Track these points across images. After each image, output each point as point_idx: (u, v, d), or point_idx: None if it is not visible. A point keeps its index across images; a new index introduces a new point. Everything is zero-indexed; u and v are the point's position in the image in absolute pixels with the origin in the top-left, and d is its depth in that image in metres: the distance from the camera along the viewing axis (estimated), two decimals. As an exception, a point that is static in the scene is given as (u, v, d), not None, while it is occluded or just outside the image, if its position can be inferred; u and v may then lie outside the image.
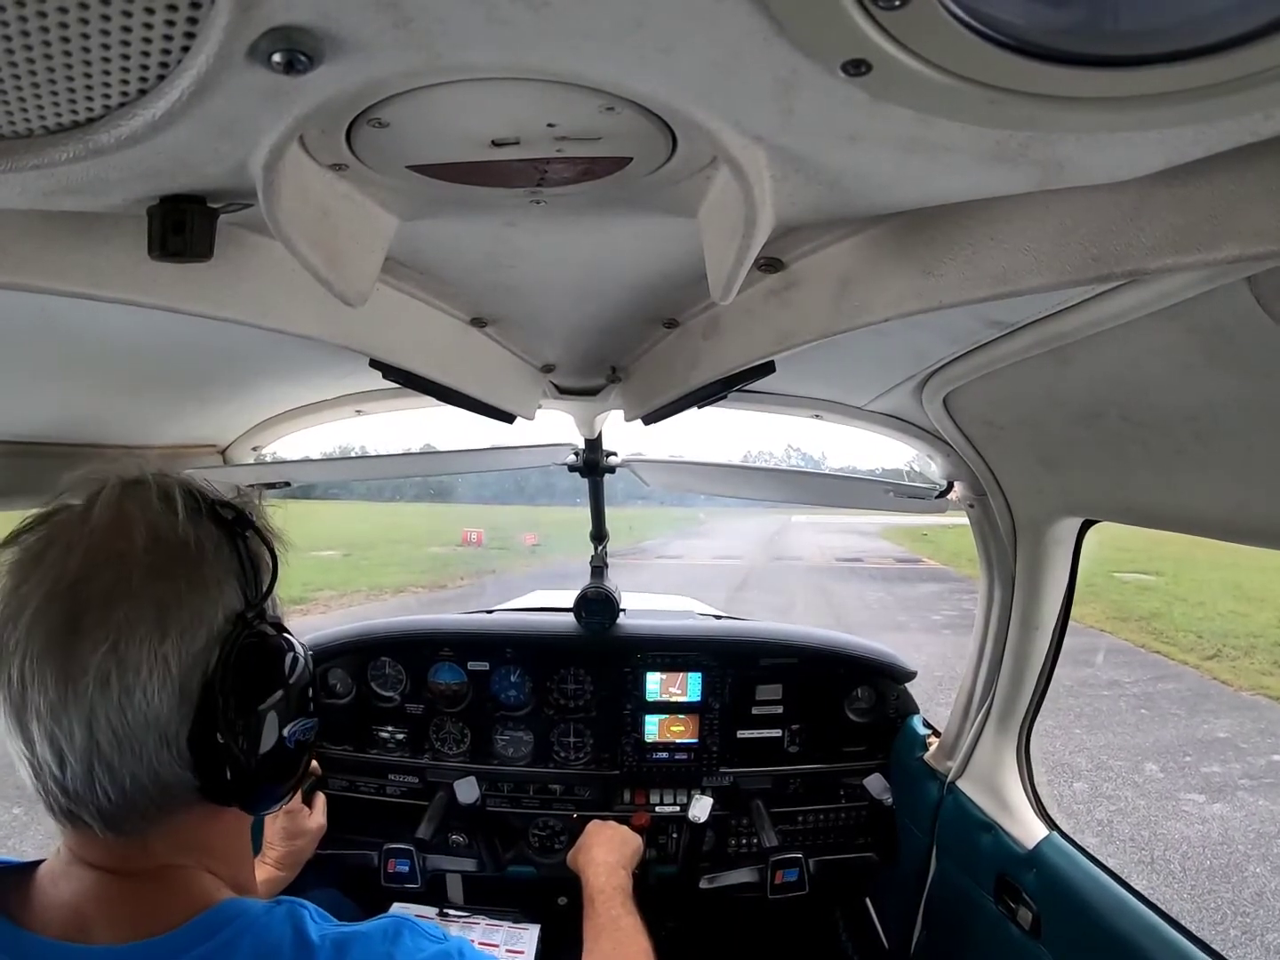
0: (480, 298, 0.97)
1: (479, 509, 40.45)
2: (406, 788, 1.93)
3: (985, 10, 0.35)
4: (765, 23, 0.37)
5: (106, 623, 0.54)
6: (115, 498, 0.60)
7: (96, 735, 0.54)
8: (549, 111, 0.50)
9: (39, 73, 0.40)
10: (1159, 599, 13.17)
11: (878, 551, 25.47)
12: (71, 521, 0.59)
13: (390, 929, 0.61)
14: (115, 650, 0.54)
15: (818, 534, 32.56)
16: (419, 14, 0.37)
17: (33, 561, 0.57)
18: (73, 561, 0.56)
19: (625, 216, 0.71)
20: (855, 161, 0.53)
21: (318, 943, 0.57)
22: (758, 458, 66.63)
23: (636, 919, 1.15)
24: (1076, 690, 7.58)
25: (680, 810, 1.83)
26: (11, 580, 0.56)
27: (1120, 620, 11.43)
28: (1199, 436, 0.83)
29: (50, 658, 0.53)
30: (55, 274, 0.64)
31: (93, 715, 0.53)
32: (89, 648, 0.53)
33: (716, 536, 30.64)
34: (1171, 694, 7.81)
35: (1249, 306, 0.62)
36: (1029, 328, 0.86)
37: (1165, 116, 0.43)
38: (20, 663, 0.54)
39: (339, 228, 0.64)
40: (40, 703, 0.53)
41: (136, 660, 0.55)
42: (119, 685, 0.54)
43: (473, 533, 25.98)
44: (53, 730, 0.53)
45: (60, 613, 0.54)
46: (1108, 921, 1.16)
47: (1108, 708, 7.27)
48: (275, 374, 1.29)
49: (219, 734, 0.58)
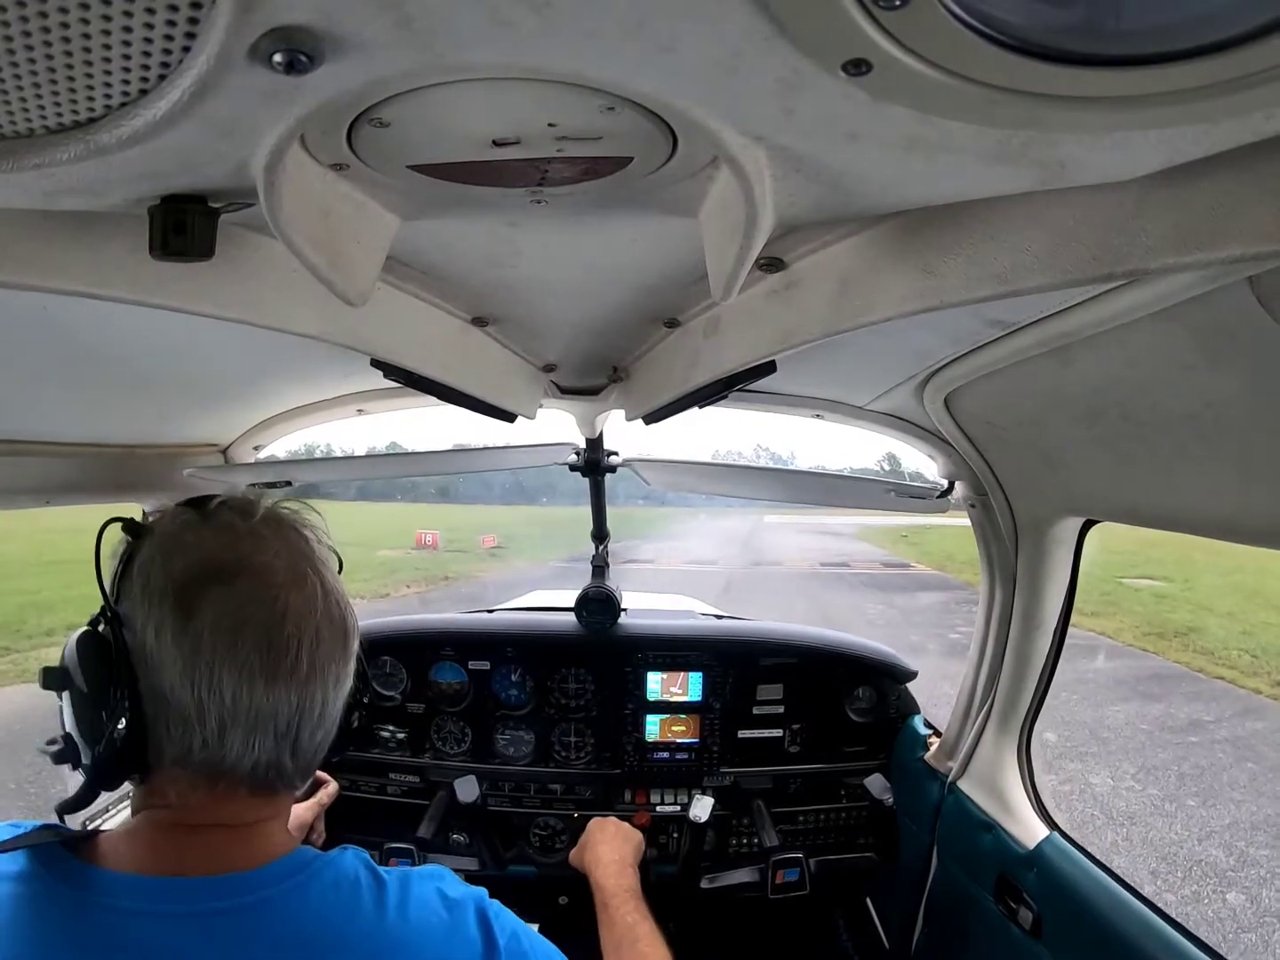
0: (481, 297, 0.97)
1: (462, 509, 39.23)
2: (407, 787, 1.93)
3: (986, 10, 0.35)
4: (766, 23, 0.37)
5: (343, 655, 0.70)
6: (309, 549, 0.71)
7: (328, 721, 0.69)
8: (550, 111, 0.50)
9: (40, 72, 0.40)
10: (1186, 610, 12.38)
11: (861, 555, 24.28)
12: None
13: (435, 872, 0.74)
14: (341, 667, 0.70)
15: (793, 535, 31.10)
16: (420, 14, 0.37)
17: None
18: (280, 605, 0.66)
19: (626, 216, 0.72)
20: (856, 161, 0.53)
21: (386, 877, 0.68)
22: (725, 457, 66.05)
23: (652, 923, 1.15)
24: (1159, 737, 6.60)
25: (681, 810, 1.83)
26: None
27: (1157, 637, 10.54)
28: (1200, 436, 0.83)
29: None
30: (56, 274, 0.64)
31: (333, 708, 0.69)
32: (338, 666, 0.69)
33: (689, 539, 29.09)
34: (1267, 736, 6.66)
35: (1250, 306, 0.62)
36: (1030, 327, 0.86)
37: (1166, 116, 0.43)
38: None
39: (340, 227, 0.64)
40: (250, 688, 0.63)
41: (348, 671, 0.71)
42: (338, 689, 0.70)
43: (427, 534, 24.35)
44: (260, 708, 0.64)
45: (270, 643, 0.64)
46: (1108, 922, 1.16)
47: (1206, 761, 6.08)
48: (276, 373, 1.29)
49: (352, 719, 0.75)
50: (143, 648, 0.62)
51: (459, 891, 0.72)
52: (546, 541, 26.10)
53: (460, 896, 0.71)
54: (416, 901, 0.67)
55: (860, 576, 18.16)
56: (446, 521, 29.51)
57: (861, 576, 18.16)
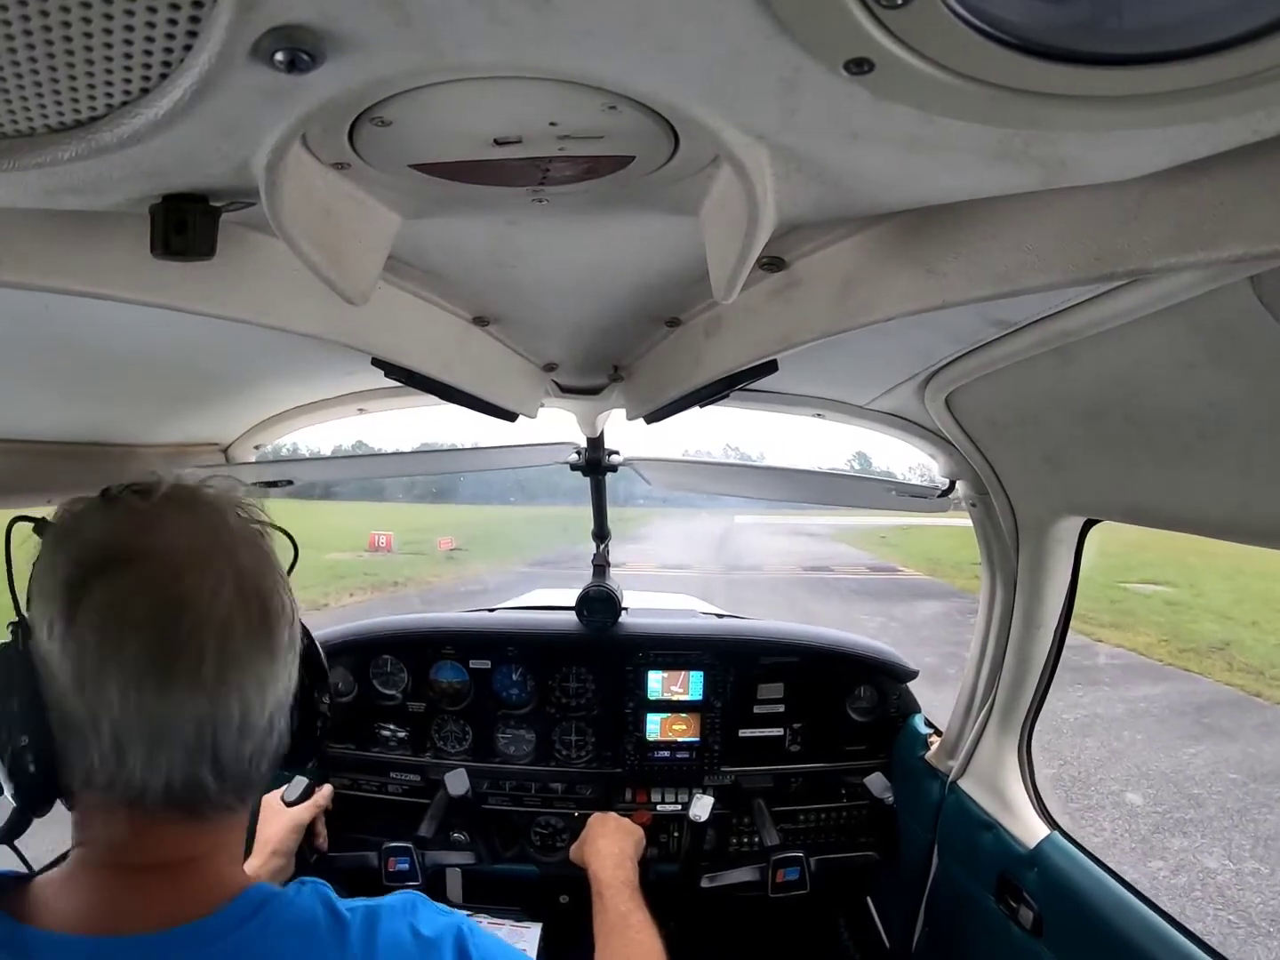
0: (482, 296, 0.97)
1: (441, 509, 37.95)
2: (408, 786, 1.93)
3: (988, 8, 0.35)
4: (768, 21, 0.37)
5: (278, 645, 0.61)
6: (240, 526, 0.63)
7: (273, 722, 0.61)
8: (551, 110, 0.50)
9: (41, 71, 0.40)
10: (1207, 619, 11.65)
11: (842, 558, 22.68)
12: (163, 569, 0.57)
13: (407, 903, 0.66)
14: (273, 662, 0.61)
15: (767, 536, 29.24)
16: (421, 13, 0.37)
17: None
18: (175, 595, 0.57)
19: (627, 215, 0.71)
20: (857, 160, 0.53)
21: (349, 916, 0.60)
22: (695, 455, 65.10)
23: (645, 914, 1.15)
24: (1258, 790, 5.61)
25: (681, 809, 1.83)
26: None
27: (1194, 654, 9.68)
28: (1202, 436, 0.83)
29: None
30: (58, 273, 0.64)
31: (264, 709, 0.60)
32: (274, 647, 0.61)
33: (660, 540, 26.55)
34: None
35: (1252, 305, 0.62)
36: (1032, 327, 0.86)
37: (1168, 115, 0.43)
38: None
39: (341, 226, 0.64)
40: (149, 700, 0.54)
41: (286, 667, 0.63)
42: (274, 687, 0.61)
43: (381, 535, 22.54)
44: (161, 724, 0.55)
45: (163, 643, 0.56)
46: (1109, 921, 1.16)
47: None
48: (277, 372, 1.29)
49: (312, 719, 0.71)
50: (42, 654, 0.56)
51: (434, 928, 0.64)
52: (509, 542, 24.91)
53: (436, 935, 0.64)
54: (386, 941, 0.61)
55: (847, 582, 17.08)
56: (417, 522, 28.13)
57: (849, 582, 17.07)
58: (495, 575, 17.37)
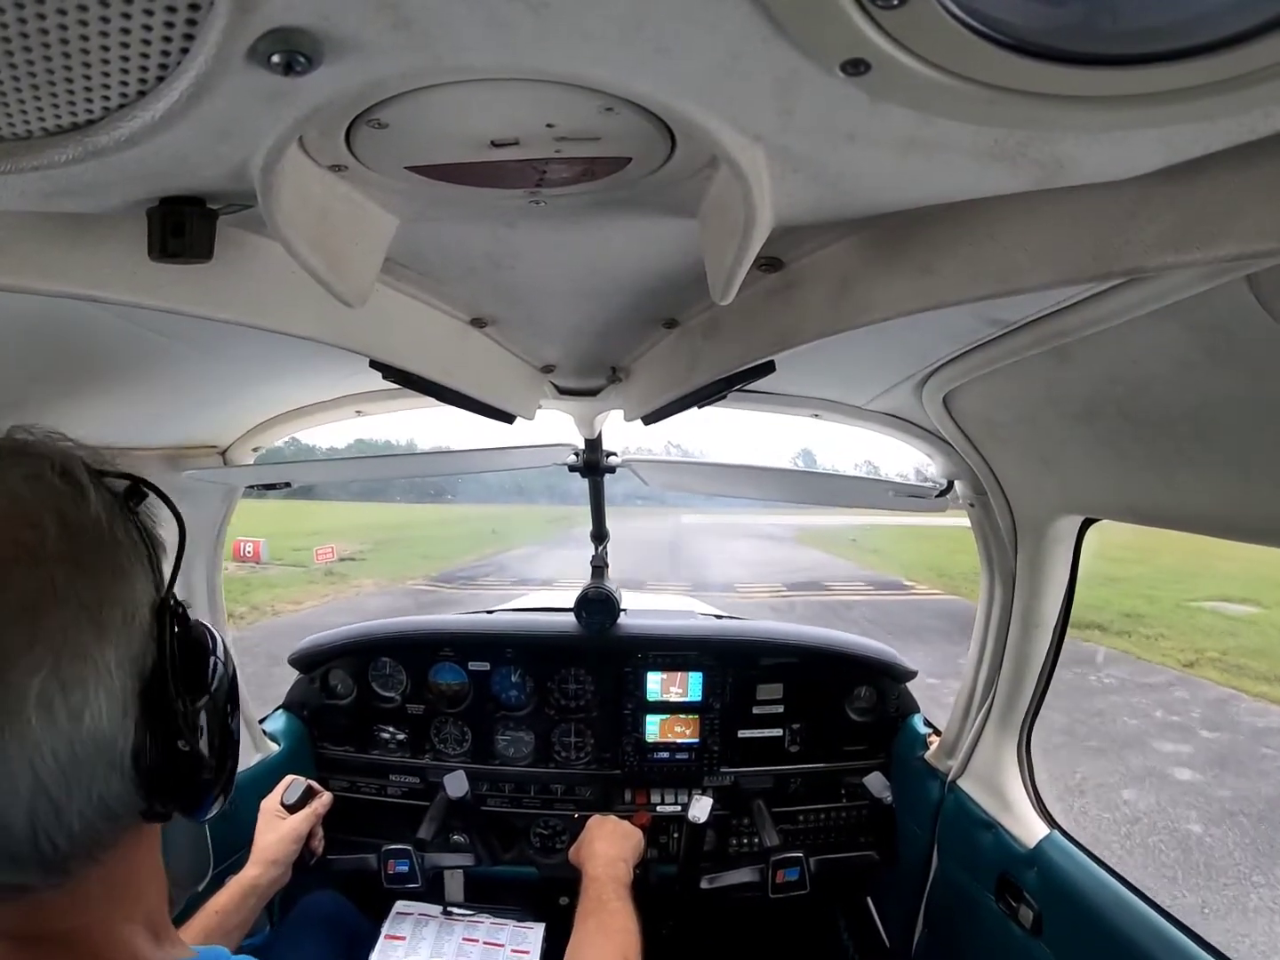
0: (480, 298, 0.97)
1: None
2: (407, 788, 1.93)
3: (984, 9, 0.35)
4: (764, 23, 0.37)
5: (38, 638, 0.44)
6: (2, 477, 0.49)
7: (42, 777, 0.43)
8: (548, 112, 0.50)
9: (38, 74, 0.40)
10: None
11: (826, 569, 18.71)
12: None
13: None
14: (57, 670, 0.44)
15: (725, 540, 25.47)
16: (418, 15, 0.37)
17: None
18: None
19: (625, 217, 0.71)
20: (854, 161, 0.53)
21: None
22: (639, 454, 63.79)
23: (626, 904, 1.15)
24: None
25: (681, 810, 1.83)
26: None
27: None
28: (1199, 434, 0.83)
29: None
30: (55, 275, 0.64)
31: (36, 754, 0.43)
32: (22, 672, 0.43)
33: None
34: None
35: (1248, 304, 0.62)
36: (1029, 326, 0.86)
37: (1164, 115, 0.43)
38: None
39: (338, 228, 0.64)
40: None
41: (81, 676, 0.45)
42: (65, 710, 0.44)
43: (249, 543, 18.49)
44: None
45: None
46: (1109, 920, 1.16)
47: None
48: (275, 375, 1.29)
49: (176, 741, 0.51)
50: None
51: None
52: (418, 550, 22.07)
53: None
54: None
55: (855, 607, 13.02)
56: (329, 523, 25.46)
57: (858, 607, 13.01)
58: (377, 597, 14.55)
